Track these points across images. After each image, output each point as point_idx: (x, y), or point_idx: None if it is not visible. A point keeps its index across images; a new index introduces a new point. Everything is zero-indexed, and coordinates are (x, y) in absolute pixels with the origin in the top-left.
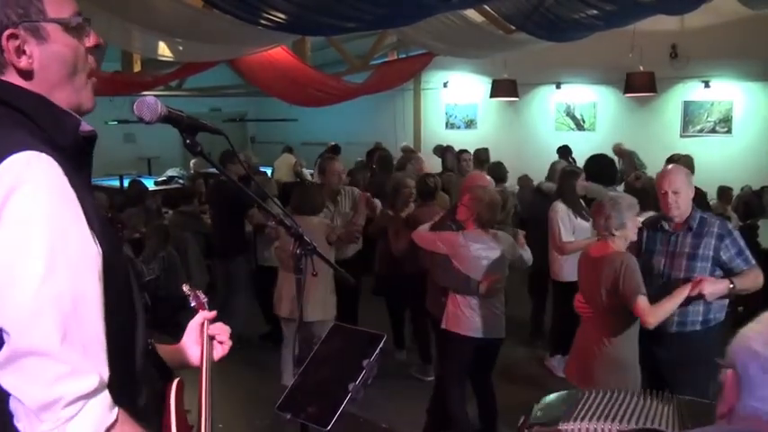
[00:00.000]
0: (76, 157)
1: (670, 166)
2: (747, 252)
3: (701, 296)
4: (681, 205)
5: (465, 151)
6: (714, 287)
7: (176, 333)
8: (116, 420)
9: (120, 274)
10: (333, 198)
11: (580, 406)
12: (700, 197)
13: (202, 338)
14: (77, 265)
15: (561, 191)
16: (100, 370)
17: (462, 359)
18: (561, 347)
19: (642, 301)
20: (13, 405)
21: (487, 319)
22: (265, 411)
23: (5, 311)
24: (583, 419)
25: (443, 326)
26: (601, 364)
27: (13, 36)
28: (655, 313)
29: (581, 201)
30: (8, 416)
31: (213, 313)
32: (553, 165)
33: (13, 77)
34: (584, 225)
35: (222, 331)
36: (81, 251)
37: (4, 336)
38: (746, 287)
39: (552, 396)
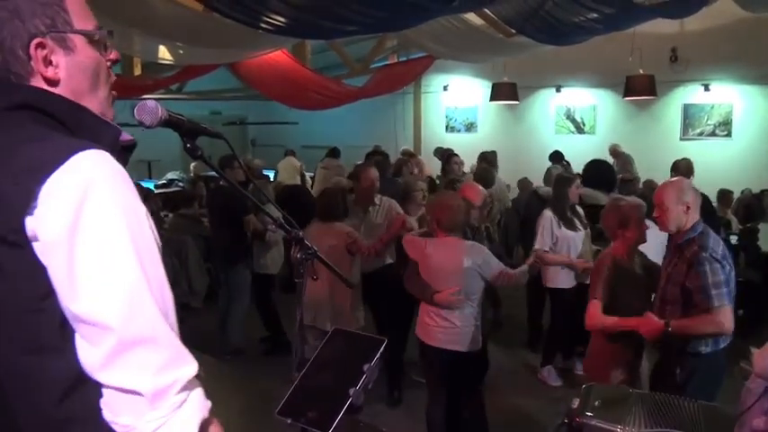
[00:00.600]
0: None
1: (665, 181)
2: (713, 292)
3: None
4: (666, 221)
5: (455, 155)
6: (647, 326)
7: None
8: (210, 405)
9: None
10: (364, 206)
11: (635, 409)
12: (705, 204)
13: None
14: (154, 254)
15: (553, 198)
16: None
17: (431, 367)
18: (552, 357)
19: (591, 305)
20: (108, 400)
21: (453, 330)
22: (265, 416)
23: (103, 306)
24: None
25: (416, 332)
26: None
27: (41, 45)
28: (591, 320)
29: (576, 208)
30: (94, 412)
31: None
32: (549, 170)
33: (37, 83)
34: (569, 235)
35: None
36: (153, 239)
37: (96, 333)
38: (686, 331)
39: (602, 388)
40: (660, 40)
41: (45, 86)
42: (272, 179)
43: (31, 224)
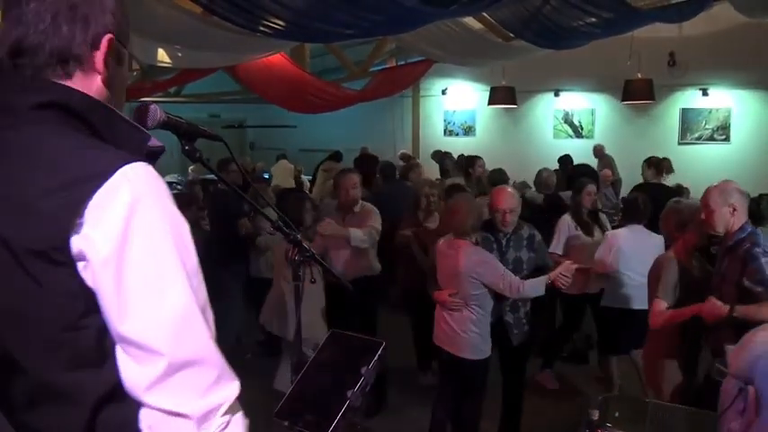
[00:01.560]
0: None
1: (712, 184)
2: None
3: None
4: (713, 222)
5: (478, 157)
6: (712, 310)
7: None
8: (248, 423)
9: None
10: (344, 213)
11: (655, 419)
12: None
13: None
14: (197, 271)
15: (571, 203)
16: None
17: (440, 368)
18: (553, 361)
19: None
20: (153, 422)
21: (451, 333)
22: (262, 419)
23: (153, 330)
24: None
25: None
26: None
27: (111, 43)
28: (655, 317)
29: (599, 215)
30: (128, 429)
31: None
32: (539, 172)
33: (89, 80)
34: (585, 241)
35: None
36: (196, 257)
37: (142, 355)
38: (751, 316)
39: (619, 398)
40: (658, 44)
41: (84, 83)
42: (269, 183)
43: (78, 243)
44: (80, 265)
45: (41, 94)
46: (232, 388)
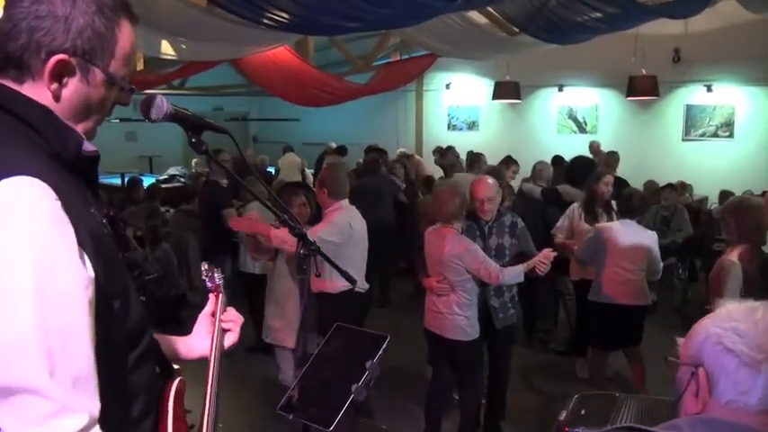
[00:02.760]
0: (81, 173)
1: None
2: None
3: None
4: None
5: (514, 162)
6: None
7: (176, 330)
8: None
9: (118, 287)
10: None
11: (623, 412)
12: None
13: (213, 328)
14: (67, 297)
15: (585, 192)
16: (90, 406)
17: (430, 350)
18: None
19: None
20: None
21: (439, 316)
22: (267, 411)
23: None
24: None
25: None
26: None
27: (63, 63)
28: None
29: (610, 204)
30: None
31: (222, 304)
32: (535, 166)
33: (37, 90)
34: (585, 228)
35: (234, 319)
36: (71, 282)
37: None
38: None
39: (591, 396)
40: (663, 40)
41: (35, 90)
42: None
43: None
44: None
45: None
46: (75, 420)
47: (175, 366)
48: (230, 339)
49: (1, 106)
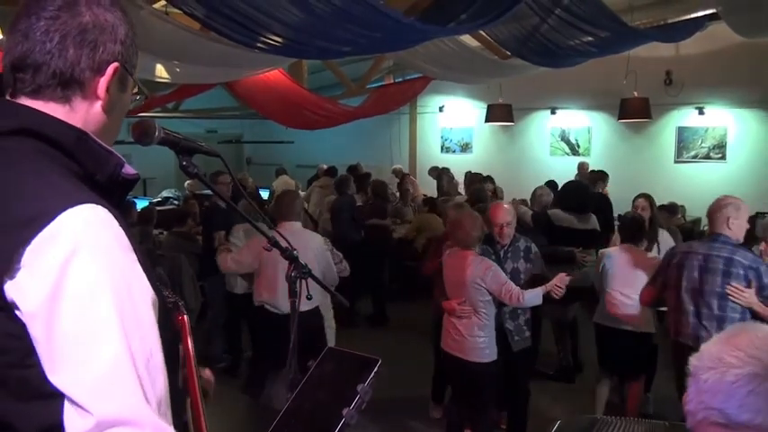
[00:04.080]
0: (113, 194)
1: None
2: None
3: None
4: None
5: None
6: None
7: None
8: None
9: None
10: None
11: None
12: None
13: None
14: (144, 322)
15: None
16: (171, 427)
17: (449, 376)
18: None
19: None
20: None
21: (460, 339)
22: None
23: (80, 386)
24: None
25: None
26: None
27: (116, 71)
28: None
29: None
30: None
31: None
32: (534, 191)
33: (88, 105)
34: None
35: (208, 377)
36: (145, 306)
37: (78, 411)
38: None
39: (571, 420)
40: (655, 63)
41: (83, 107)
42: (266, 198)
43: (11, 290)
44: (17, 311)
45: (7, 120)
46: None
47: None
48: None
49: (31, 131)
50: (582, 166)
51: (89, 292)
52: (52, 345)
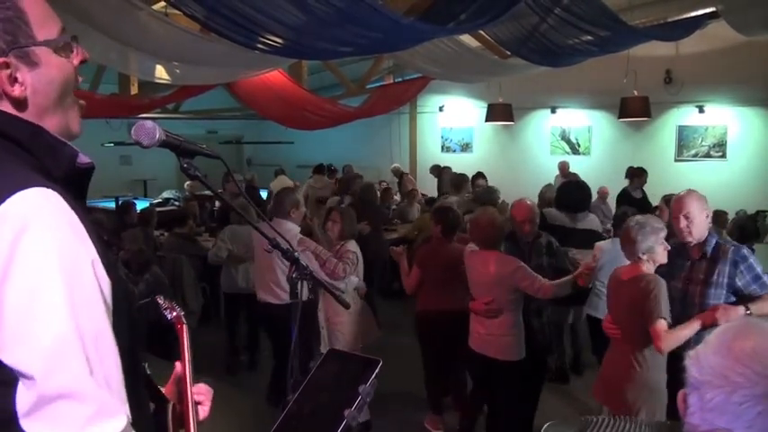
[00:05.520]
0: (72, 188)
1: (683, 191)
2: (765, 277)
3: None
4: (693, 230)
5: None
6: (728, 315)
7: (163, 353)
8: None
9: (120, 299)
10: None
11: None
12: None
13: (183, 368)
14: (93, 301)
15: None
16: (125, 407)
17: (475, 374)
18: None
19: (660, 325)
20: None
21: (488, 338)
22: None
23: (27, 357)
24: None
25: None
26: (631, 388)
27: (5, 65)
28: (666, 339)
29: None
30: None
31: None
32: (542, 189)
33: (5, 107)
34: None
35: (204, 392)
36: (95, 286)
37: (25, 382)
38: (765, 312)
39: (558, 423)
40: (655, 62)
41: (10, 107)
42: (264, 198)
43: None
44: None
45: None
46: (115, 423)
47: None
48: (202, 413)
49: None
50: (562, 166)
51: (38, 268)
52: (2, 321)
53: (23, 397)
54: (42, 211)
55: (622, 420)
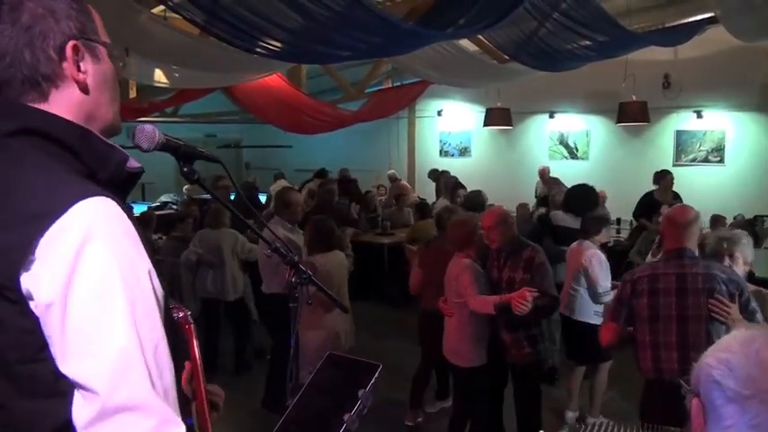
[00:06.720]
0: (116, 190)
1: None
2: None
3: None
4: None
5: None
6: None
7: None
8: None
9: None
10: None
11: None
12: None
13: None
14: (152, 312)
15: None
16: (180, 419)
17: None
18: None
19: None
20: None
21: (447, 340)
22: None
23: (91, 371)
24: None
25: None
26: None
27: (76, 48)
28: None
29: None
30: None
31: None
32: (553, 193)
33: (66, 93)
34: None
35: (219, 393)
36: (152, 296)
37: (85, 395)
38: None
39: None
40: (653, 66)
41: (72, 93)
42: (263, 202)
43: (26, 282)
44: (31, 303)
45: (11, 121)
46: None
47: None
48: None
49: (38, 131)
50: (542, 171)
51: (102, 278)
52: (65, 332)
53: (83, 409)
54: (103, 221)
55: (612, 426)
